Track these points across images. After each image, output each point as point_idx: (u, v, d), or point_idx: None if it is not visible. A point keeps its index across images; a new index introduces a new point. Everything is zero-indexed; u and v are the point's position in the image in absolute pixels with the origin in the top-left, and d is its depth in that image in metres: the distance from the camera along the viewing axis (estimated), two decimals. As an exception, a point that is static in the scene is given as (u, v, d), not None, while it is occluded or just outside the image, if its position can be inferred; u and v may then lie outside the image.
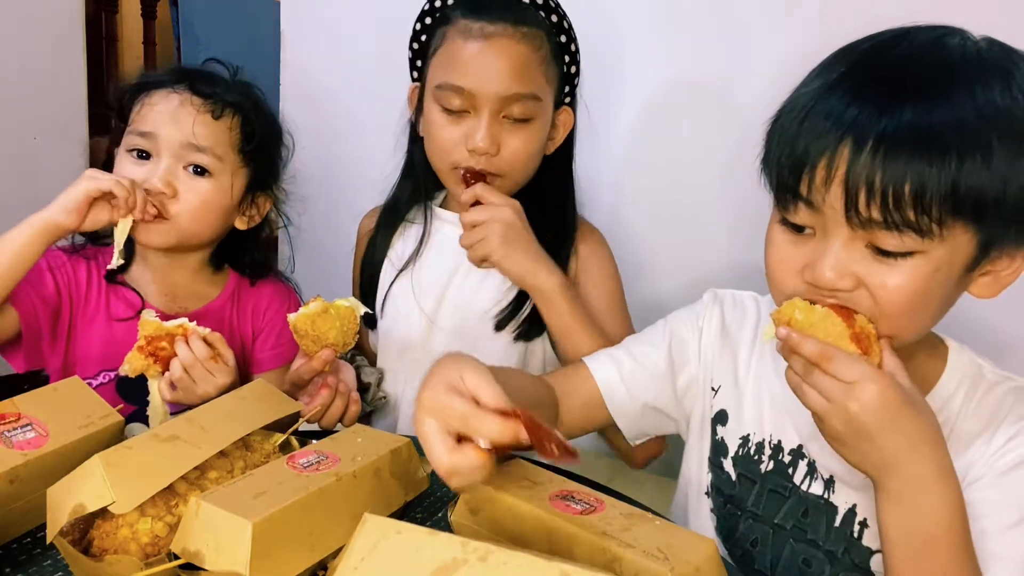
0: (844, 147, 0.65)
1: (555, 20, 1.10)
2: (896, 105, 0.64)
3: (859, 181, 0.64)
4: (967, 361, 0.79)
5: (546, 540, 0.69)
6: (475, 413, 0.60)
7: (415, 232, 1.22)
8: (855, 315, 0.68)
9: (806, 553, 0.83)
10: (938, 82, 0.66)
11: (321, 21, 1.88)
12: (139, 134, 1.08)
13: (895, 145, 0.63)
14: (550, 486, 0.75)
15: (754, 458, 0.88)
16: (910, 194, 0.63)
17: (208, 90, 1.10)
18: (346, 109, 1.86)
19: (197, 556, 0.63)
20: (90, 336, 1.11)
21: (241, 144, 1.12)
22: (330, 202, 1.80)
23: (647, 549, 0.64)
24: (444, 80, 1.07)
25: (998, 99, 0.65)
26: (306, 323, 0.97)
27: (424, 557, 0.55)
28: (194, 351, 0.97)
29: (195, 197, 1.08)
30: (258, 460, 0.81)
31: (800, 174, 0.68)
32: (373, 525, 0.58)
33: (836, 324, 0.67)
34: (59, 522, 0.66)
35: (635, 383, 0.93)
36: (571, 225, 1.19)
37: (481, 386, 0.62)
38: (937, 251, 0.66)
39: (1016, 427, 0.73)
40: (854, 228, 0.67)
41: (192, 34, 3.28)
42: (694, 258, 1.47)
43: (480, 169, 1.08)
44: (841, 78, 0.69)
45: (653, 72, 1.47)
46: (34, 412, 0.79)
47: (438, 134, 1.09)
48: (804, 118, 0.69)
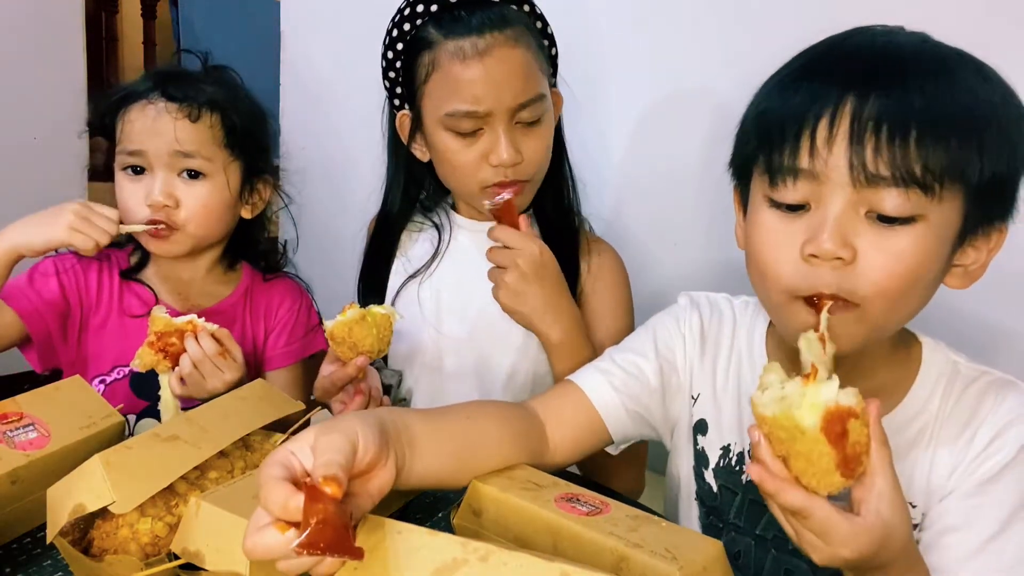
0: (846, 104, 0.65)
1: (527, 9, 1.09)
2: (892, 76, 0.66)
3: (865, 139, 0.64)
4: (942, 359, 0.78)
5: (551, 541, 0.69)
6: (267, 481, 0.53)
7: (430, 236, 1.21)
8: (849, 427, 0.59)
9: (789, 564, 0.82)
10: (927, 58, 0.68)
11: (321, 21, 1.88)
12: (128, 153, 1.09)
13: (898, 110, 0.64)
14: (555, 489, 0.75)
15: (735, 469, 0.87)
16: (916, 152, 0.64)
17: (181, 93, 1.09)
18: (346, 109, 1.86)
19: (197, 556, 0.63)
20: (103, 334, 1.13)
21: (226, 139, 1.12)
22: (329, 202, 1.81)
23: (654, 549, 0.64)
24: (454, 108, 1.03)
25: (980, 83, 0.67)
26: (343, 330, 0.96)
27: (424, 557, 0.55)
28: (203, 347, 0.97)
29: (196, 201, 1.10)
30: (258, 460, 0.81)
31: (798, 143, 0.67)
32: (373, 525, 0.58)
33: (825, 455, 0.58)
34: (59, 522, 0.66)
35: (627, 391, 0.90)
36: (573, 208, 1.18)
37: (324, 449, 0.55)
38: (934, 217, 0.66)
39: (999, 427, 0.72)
40: (858, 189, 0.65)
41: (192, 34, 3.29)
42: (694, 260, 1.47)
43: (510, 180, 1.06)
44: (808, 63, 0.71)
45: (646, 73, 1.48)
46: (36, 412, 0.79)
47: (456, 160, 1.07)
48: (788, 97, 0.69)
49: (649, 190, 1.51)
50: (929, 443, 0.75)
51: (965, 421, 0.74)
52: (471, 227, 1.19)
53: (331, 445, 0.56)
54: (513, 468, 0.80)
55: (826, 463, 0.58)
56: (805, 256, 0.68)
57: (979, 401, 0.74)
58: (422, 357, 1.20)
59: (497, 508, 0.73)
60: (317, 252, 1.51)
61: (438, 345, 1.19)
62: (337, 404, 1.02)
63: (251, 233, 1.22)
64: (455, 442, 0.73)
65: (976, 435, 0.73)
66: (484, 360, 1.19)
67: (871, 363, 0.77)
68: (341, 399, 1.01)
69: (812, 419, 0.57)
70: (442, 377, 1.20)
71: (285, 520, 0.52)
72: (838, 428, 0.58)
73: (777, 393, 0.60)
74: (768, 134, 0.70)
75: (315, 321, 1.26)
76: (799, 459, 0.59)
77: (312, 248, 1.43)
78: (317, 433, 0.57)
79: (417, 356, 1.20)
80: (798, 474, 0.60)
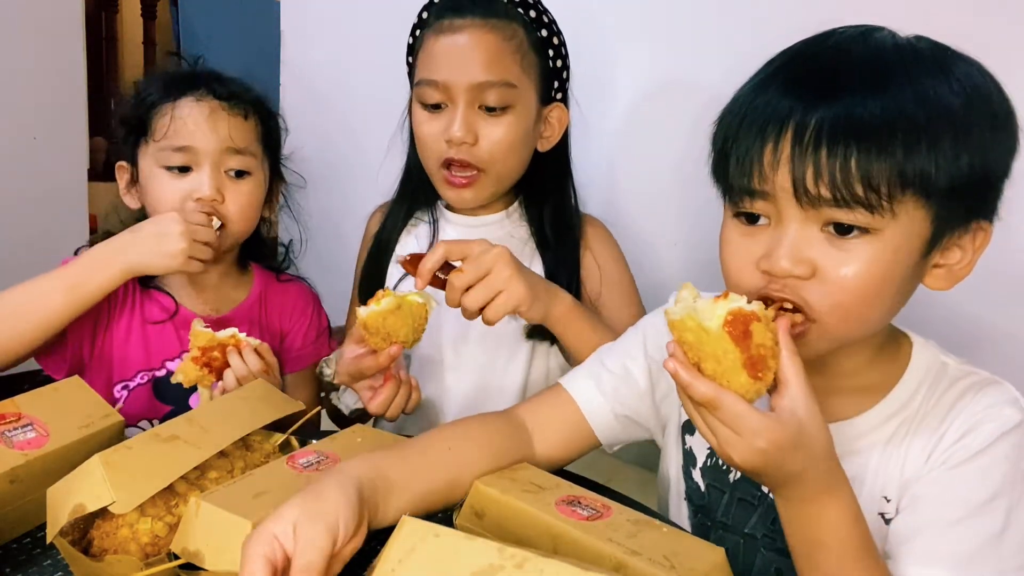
0: (787, 132, 0.66)
1: (534, 16, 1.12)
2: (832, 91, 0.66)
3: (805, 162, 0.65)
4: (931, 358, 0.78)
5: (551, 546, 0.69)
6: (250, 560, 0.57)
7: (425, 232, 1.23)
8: (752, 328, 0.63)
9: (778, 562, 0.82)
10: (871, 68, 0.67)
11: (321, 21, 1.88)
12: (175, 149, 1.08)
13: (835, 128, 0.64)
14: (557, 491, 0.75)
15: (722, 468, 0.86)
16: (857, 171, 0.64)
17: (226, 91, 1.11)
18: (346, 109, 1.86)
19: (197, 556, 0.63)
20: (127, 339, 1.12)
21: (264, 138, 1.15)
22: (330, 201, 1.80)
23: (653, 557, 0.64)
24: (421, 76, 1.11)
25: (937, 85, 0.66)
26: (377, 320, 0.93)
27: (461, 562, 0.55)
28: (248, 364, 0.98)
29: (242, 198, 1.11)
30: (258, 460, 0.81)
31: (750, 165, 0.68)
32: (411, 528, 0.58)
33: (729, 351, 0.62)
34: (59, 522, 0.66)
35: (615, 396, 0.90)
36: (574, 223, 1.19)
37: (305, 547, 0.59)
38: (892, 230, 0.66)
39: (969, 423, 0.72)
40: (805, 208, 0.67)
41: (192, 34, 3.29)
42: (697, 260, 1.47)
43: (461, 159, 1.09)
44: (775, 72, 0.71)
45: (643, 71, 1.48)
46: (35, 412, 0.79)
47: (420, 131, 1.13)
48: (745, 113, 0.70)
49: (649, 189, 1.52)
50: (905, 437, 0.75)
51: (942, 416, 0.74)
52: (459, 221, 1.21)
53: (312, 543, 0.59)
54: (516, 468, 0.80)
55: (731, 360, 0.62)
56: (761, 271, 0.70)
57: (958, 398, 0.74)
58: (417, 350, 1.20)
59: (499, 510, 0.73)
60: (316, 252, 1.51)
61: (437, 339, 1.20)
62: (366, 391, 1.01)
63: (259, 234, 1.22)
64: (433, 481, 0.75)
65: (950, 428, 0.73)
66: (480, 352, 1.20)
67: (854, 365, 0.77)
68: (370, 384, 1.02)
69: (716, 319, 0.63)
70: (443, 369, 1.21)
71: None
72: (741, 328, 0.62)
73: (686, 303, 0.65)
74: (724, 153, 0.72)
75: (325, 324, 1.27)
76: (708, 360, 0.63)
77: (312, 247, 1.43)
78: (300, 517, 0.60)
79: (415, 349, 1.21)
80: (710, 376, 0.64)
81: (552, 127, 1.16)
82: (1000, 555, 0.68)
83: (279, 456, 0.82)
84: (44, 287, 1.00)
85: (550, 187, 1.18)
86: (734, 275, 0.73)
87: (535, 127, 1.14)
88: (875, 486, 0.76)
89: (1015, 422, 0.71)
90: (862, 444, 0.76)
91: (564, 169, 1.20)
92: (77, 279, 1.01)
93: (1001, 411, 0.72)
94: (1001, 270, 0.93)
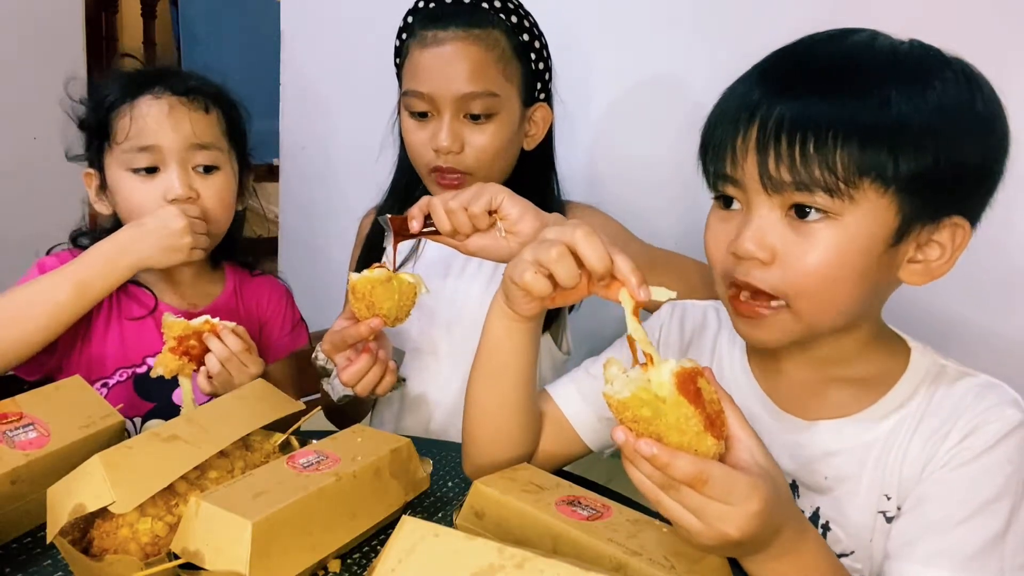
0: (755, 122, 0.70)
1: (515, 21, 1.14)
2: (794, 88, 0.70)
3: (768, 150, 0.69)
4: (929, 362, 0.79)
5: (551, 546, 0.69)
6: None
7: None
8: (700, 385, 0.59)
9: None
10: (837, 68, 0.70)
11: (321, 21, 1.88)
12: (140, 149, 1.06)
13: (793, 123, 0.68)
14: (557, 491, 0.75)
15: None
16: (815, 154, 0.67)
17: (184, 86, 1.09)
18: (346, 109, 1.86)
19: (197, 556, 0.63)
20: (105, 337, 1.12)
21: (228, 131, 1.13)
22: (328, 201, 1.80)
23: (653, 557, 0.64)
24: (408, 87, 1.13)
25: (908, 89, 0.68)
26: (365, 286, 0.94)
27: (461, 562, 0.55)
28: (228, 345, 0.99)
29: (215, 195, 1.10)
30: (258, 460, 0.81)
31: (724, 151, 0.73)
32: (411, 528, 0.58)
33: (691, 416, 0.58)
34: (59, 522, 0.66)
35: (596, 399, 0.90)
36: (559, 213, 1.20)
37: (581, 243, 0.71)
38: (852, 216, 0.68)
39: (972, 424, 0.73)
40: (771, 194, 0.70)
41: (192, 34, 3.29)
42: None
43: (448, 167, 1.12)
44: (756, 67, 0.76)
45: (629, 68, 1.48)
46: (36, 412, 0.79)
47: (409, 139, 1.16)
48: (725, 103, 0.75)
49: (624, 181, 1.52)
50: (905, 436, 0.75)
51: (944, 417, 0.74)
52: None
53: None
54: (516, 468, 0.80)
55: (695, 425, 0.58)
56: (730, 253, 0.73)
57: (960, 399, 0.75)
58: (408, 344, 1.22)
59: (499, 510, 0.73)
60: (316, 251, 1.51)
61: (430, 332, 1.22)
62: (342, 359, 1.03)
63: (232, 230, 1.20)
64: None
65: (952, 430, 0.73)
66: (475, 341, 1.19)
67: (841, 353, 0.79)
68: (347, 355, 1.03)
69: (667, 384, 0.58)
70: (437, 359, 1.23)
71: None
72: (692, 386, 0.59)
73: (624, 379, 0.60)
74: (706, 139, 0.76)
75: (299, 316, 1.28)
76: (671, 432, 0.58)
77: (311, 247, 1.43)
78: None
79: (408, 343, 1.23)
80: (676, 449, 0.58)
81: (537, 125, 1.19)
82: (1003, 555, 0.69)
83: (279, 456, 0.82)
84: (49, 287, 1.00)
85: (535, 182, 1.20)
86: (711, 257, 0.78)
87: (520, 129, 1.17)
88: (875, 484, 0.76)
89: (1017, 422, 0.71)
90: (862, 441, 0.77)
91: (548, 163, 1.24)
92: (83, 277, 1.01)
93: (1003, 412, 0.72)
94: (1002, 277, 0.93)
